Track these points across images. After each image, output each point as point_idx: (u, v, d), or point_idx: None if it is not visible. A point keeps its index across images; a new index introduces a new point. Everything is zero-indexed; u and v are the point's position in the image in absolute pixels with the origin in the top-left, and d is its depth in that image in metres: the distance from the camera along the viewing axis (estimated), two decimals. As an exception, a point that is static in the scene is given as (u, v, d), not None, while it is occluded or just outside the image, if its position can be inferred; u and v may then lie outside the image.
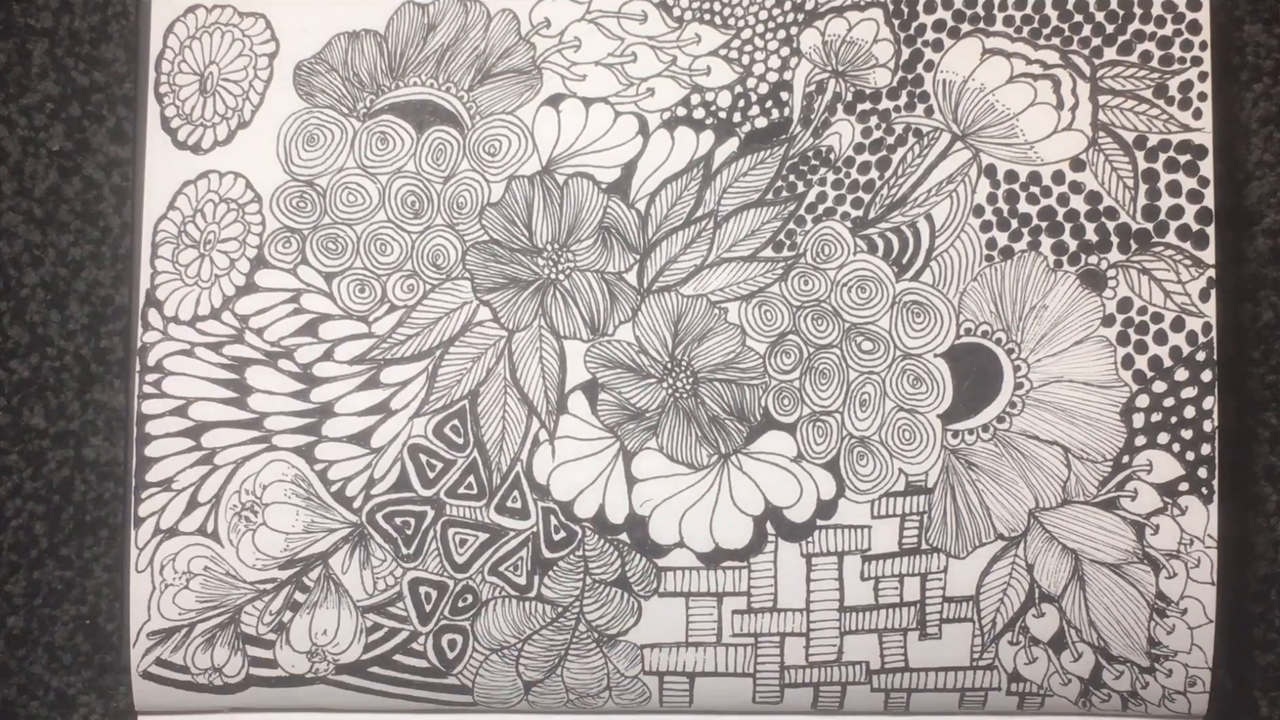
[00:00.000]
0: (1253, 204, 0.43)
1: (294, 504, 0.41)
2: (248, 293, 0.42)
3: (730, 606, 0.42)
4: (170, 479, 0.41)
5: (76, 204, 0.43)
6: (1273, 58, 0.43)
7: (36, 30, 0.43)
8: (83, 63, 0.43)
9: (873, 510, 0.42)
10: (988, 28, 0.42)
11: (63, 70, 0.43)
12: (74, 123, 0.43)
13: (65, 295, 0.43)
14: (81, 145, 0.43)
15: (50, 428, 0.43)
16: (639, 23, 0.42)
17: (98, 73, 0.43)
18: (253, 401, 0.42)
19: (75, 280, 0.43)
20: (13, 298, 0.43)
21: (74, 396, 0.43)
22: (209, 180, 0.42)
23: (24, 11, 0.43)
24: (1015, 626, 0.41)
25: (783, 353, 0.42)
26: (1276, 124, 0.43)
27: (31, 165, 0.43)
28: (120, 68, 0.43)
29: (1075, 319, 0.42)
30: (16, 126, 0.43)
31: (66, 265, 0.43)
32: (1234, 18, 0.43)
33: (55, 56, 0.43)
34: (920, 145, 0.42)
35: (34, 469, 0.43)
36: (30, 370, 0.43)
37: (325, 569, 0.41)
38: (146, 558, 0.41)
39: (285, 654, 0.41)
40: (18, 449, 0.43)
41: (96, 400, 0.43)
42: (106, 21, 0.43)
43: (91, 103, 0.43)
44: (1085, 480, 0.42)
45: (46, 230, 0.43)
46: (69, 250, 0.43)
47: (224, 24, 0.42)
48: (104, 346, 0.43)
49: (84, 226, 0.43)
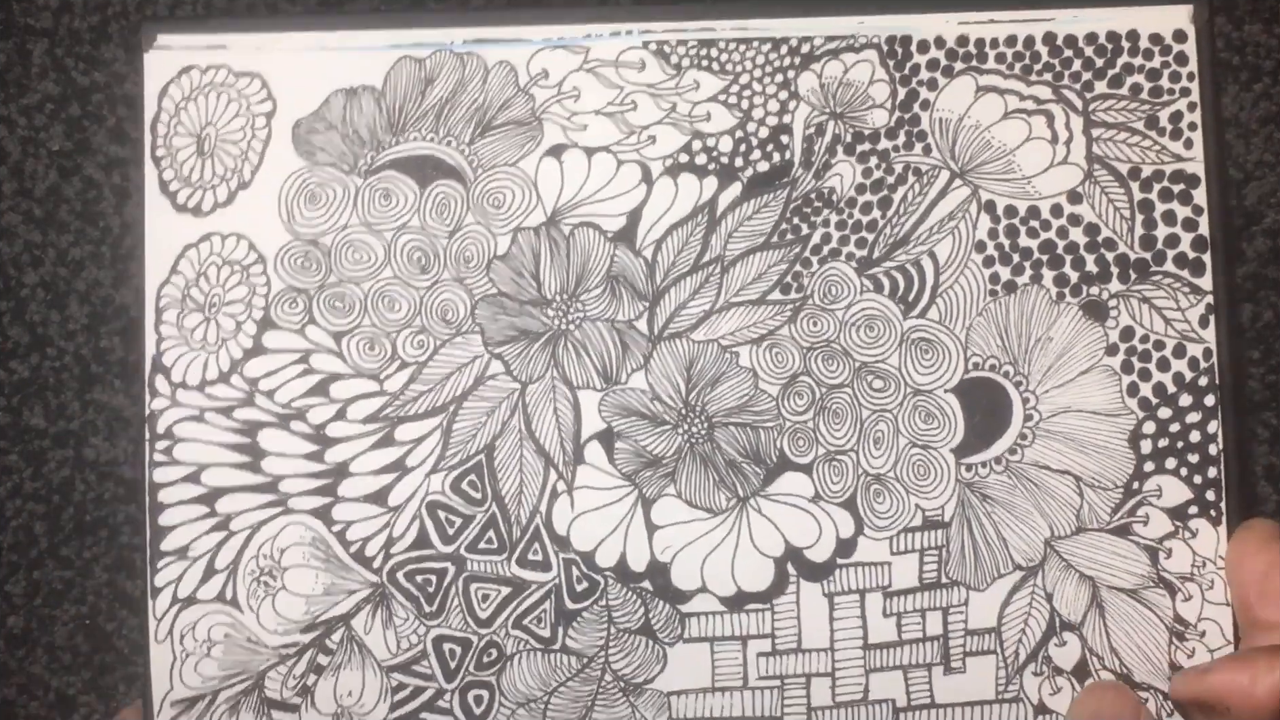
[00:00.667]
0: (1253, 204, 0.44)
1: (313, 566, 0.41)
2: (256, 355, 0.42)
3: (755, 649, 0.42)
4: (186, 547, 0.41)
5: (76, 204, 0.43)
6: (1273, 58, 0.44)
7: (36, 30, 0.43)
8: (83, 63, 0.43)
9: (892, 546, 0.42)
10: (980, 65, 0.43)
11: (63, 70, 0.43)
12: (74, 123, 0.43)
13: (65, 295, 0.42)
14: (81, 145, 0.43)
15: (50, 428, 0.42)
16: (637, 70, 0.43)
17: (98, 73, 0.43)
18: (266, 465, 0.41)
19: (75, 280, 0.42)
20: (13, 298, 0.42)
21: (74, 396, 0.42)
22: (211, 243, 0.42)
23: (24, 11, 0.43)
24: (1038, 656, 0.42)
25: (795, 394, 0.42)
26: (1276, 124, 0.44)
27: (31, 165, 0.43)
28: (120, 68, 0.43)
29: (1080, 349, 0.43)
30: (16, 126, 0.43)
31: (66, 265, 0.42)
32: (1234, 18, 0.44)
33: (55, 56, 0.43)
34: (920, 184, 0.43)
35: (34, 469, 0.42)
36: (30, 370, 0.42)
37: (347, 630, 0.41)
38: (165, 627, 0.41)
39: (311, 717, 0.41)
40: (18, 449, 0.42)
41: (96, 400, 0.42)
42: (106, 21, 0.43)
43: (91, 103, 0.43)
44: (1098, 508, 0.42)
45: (46, 230, 0.43)
46: (69, 250, 0.43)
47: (219, 84, 0.42)
48: (104, 346, 0.42)
49: (84, 226, 0.43)
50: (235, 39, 0.42)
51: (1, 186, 0.42)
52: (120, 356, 0.42)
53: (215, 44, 0.42)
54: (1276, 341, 0.44)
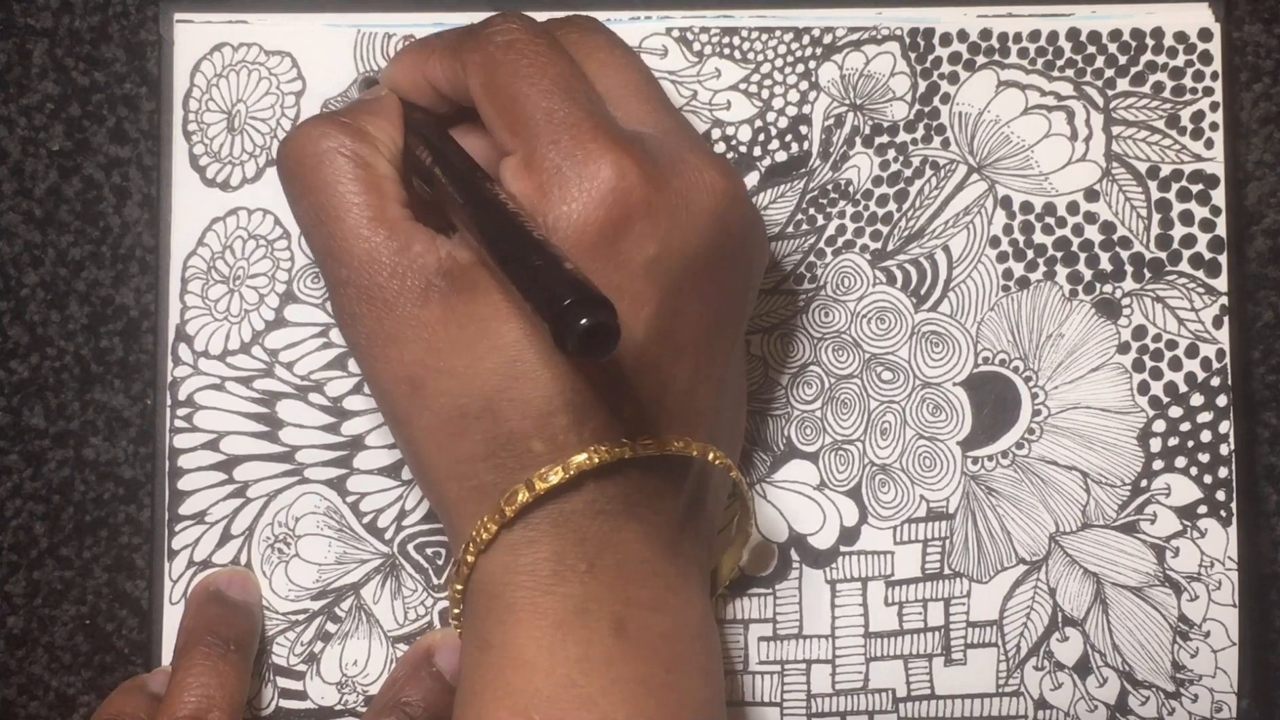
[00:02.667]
0: (1253, 204, 0.44)
1: (326, 535, 0.42)
2: (277, 327, 0.42)
3: (756, 633, 0.42)
4: (204, 512, 0.42)
5: (76, 204, 0.43)
6: (1273, 58, 0.44)
7: (36, 30, 0.44)
8: (83, 63, 0.44)
9: (895, 536, 0.42)
10: (1003, 60, 0.43)
11: (63, 70, 0.43)
12: (74, 123, 0.43)
13: (65, 295, 0.43)
14: (81, 145, 0.43)
15: (50, 428, 0.43)
16: (659, 57, 0.43)
17: (98, 73, 0.44)
18: (284, 435, 0.42)
19: (75, 280, 0.43)
20: (13, 298, 0.43)
21: (74, 396, 0.43)
22: (238, 217, 0.43)
23: (24, 11, 0.43)
24: (1040, 651, 0.42)
25: (804, 383, 0.43)
26: (1276, 124, 0.44)
27: (31, 165, 0.43)
28: (120, 68, 0.44)
29: (1091, 346, 0.43)
30: (16, 126, 0.43)
31: (66, 265, 0.43)
32: (1234, 17, 0.43)
33: (55, 56, 0.44)
34: (937, 177, 0.43)
35: (34, 469, 0.43)
36: (30, 370, 0.43)
37: (357, 599, 0.42)
38: (181, 590, 0.42)
39: (315, 685, 0.42)
40: (18, 449, 0.43)
41: (96, 400, 0.43)
42: (106, 21, 0.44)
43: (91, 103, 0.44)
44: (1104, 504, 0.42)
45: (46, 230, 0.43)
46: (69, 250, 0.43)
47: (250, 62, 0.43)
48: (104, 346, 0.43)
49: (84, 226, 0.43)
50: (258, 18, 0.43)
51: (1, 186, 0.43)
52: (120, 356, 0.43)
53: (238, 20, 0.43)
54: (1277, 341, 0.44)
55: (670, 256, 0.34)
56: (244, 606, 0.41)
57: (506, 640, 0.34)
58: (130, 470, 0.43)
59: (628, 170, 0.33)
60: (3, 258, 0.43)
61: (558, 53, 0.35)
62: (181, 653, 0.39)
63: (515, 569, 0.34)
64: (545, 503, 0.34)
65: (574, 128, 0.34)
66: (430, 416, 0.34)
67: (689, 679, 0.35)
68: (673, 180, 0.34)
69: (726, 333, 0.36)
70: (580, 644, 0.34)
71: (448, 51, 0.37)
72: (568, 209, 0.33)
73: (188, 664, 0.39)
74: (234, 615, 0.41)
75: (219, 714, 0.38)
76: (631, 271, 0.33)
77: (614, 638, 0.34)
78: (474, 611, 0.35)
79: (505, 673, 0.34)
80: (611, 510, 0.34)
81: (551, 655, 0.33)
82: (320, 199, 0.35)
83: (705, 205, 0.34)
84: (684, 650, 0.35)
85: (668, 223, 0.33)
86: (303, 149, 0.36)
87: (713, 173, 0.35)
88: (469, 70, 0.35)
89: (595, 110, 0.34)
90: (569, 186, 0.33)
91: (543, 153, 0.33)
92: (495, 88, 0.35)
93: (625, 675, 0.34)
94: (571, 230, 0.33)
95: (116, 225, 0.43)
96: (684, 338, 0.34)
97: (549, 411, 0.33)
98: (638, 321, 0.33)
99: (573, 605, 0.34)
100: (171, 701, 0.38)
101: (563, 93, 0.34)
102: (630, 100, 0.36)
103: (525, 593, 0.34)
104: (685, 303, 0.34)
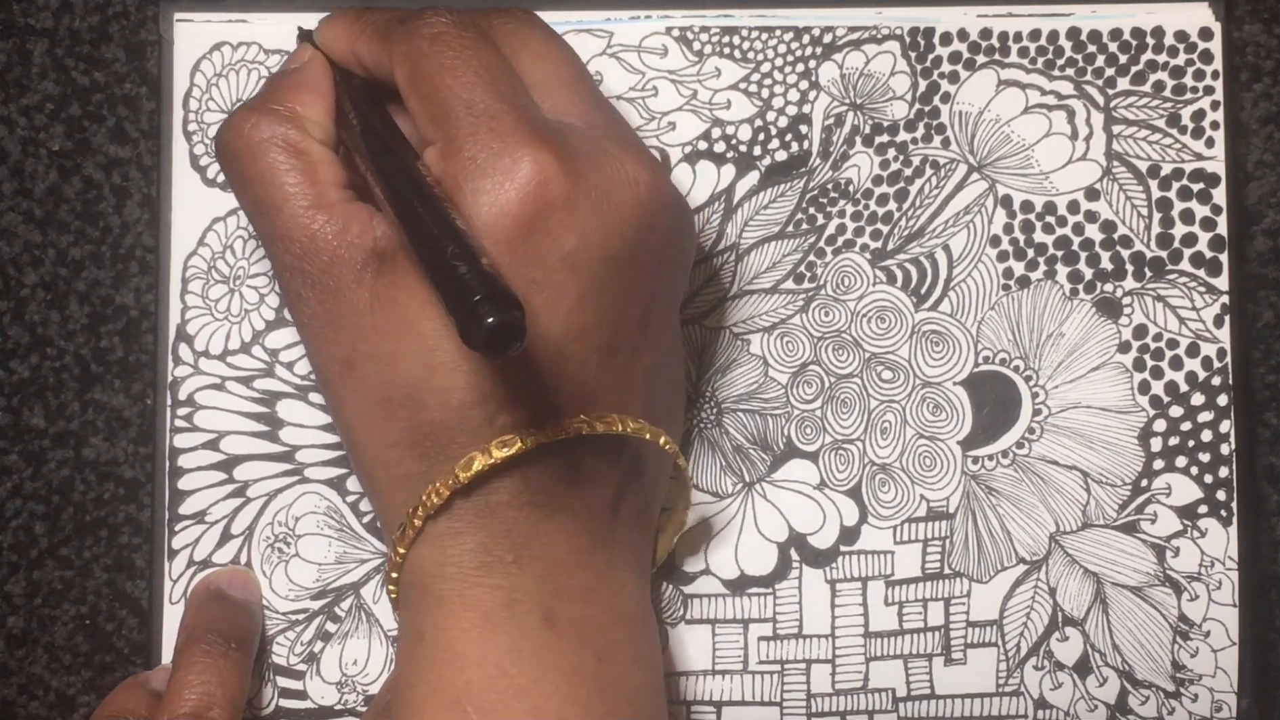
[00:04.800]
0: (1253, 204, 0.44)
1: (326, 535, 0.42)
2: (277, 327, 0.42)
3: (756, 633, 0.42)
4: (204, 512, 0.42)
5: (76, 204, 0.43)
6: (1273, 57, 0.44)
7: (36, 30, 0.44)
8: (83, 63, 0.44)
9: (895, 536, 0.42)
10: (1003, 59, 0.43)
11: (63, 70, 0.43)
12: (74, 123, 0.43)
13: (65, 295, 0.43)
14: (81, 145, 0.43)
15: (50, 428, 0.43)
16: (660, 57, 0.43)
17: (98, 73, 0.44)
18: (284, 435, 0.42)
19: (75, 280, 0.43)
20: (13, 298, 0.43)
21: (74, 396, 0.43)
22: (238, 217, 0.43)
23: (24, 11, 0.43)
24: (1040, 650, 0.42)
25: (804, 383, 0.43)
26: (1276, 124, 0.44)
27: (31, 165, 0.43)
28: (120, 68, 0.44)
29: (1092, 346, 0.43)
30: (16, 126, 0.43)
31: (66, 265, 0.43)
32: (1234, 17, 0.43)
33: (55, 56, 0.44)
34: (937, 176, 0.43)
35: (34, 469, 0.43)
36: (30, 370, 0.43)
37: (357, 599, 0.42)
38: (180, 589, 0.42)
39: (315, 685, 0.42)
40: (18, 449, 0.43)
41: (96, 400, 0.43)
42: (106, 21, 0.44)
43: (91, 103, 0.44)
44: (1105, 504, 0.42)
45: (46, 230, 0.43)
46: (69, 250, 0.43)
47: (250, 61, 0.43)
48: (104, 346, 0.43)
49: (84, 226, 0.43)
50: (258, 17, 0.43)
51: (1, 186, 0.43)
52: (120, 356, 0.43)
53: (238, 19, 0.43)
54: (1277, 341, 0.43)
55: (590, 248, 0.34)
56: (244, 605, 0.41)
57: (438, 632, 0.34)
58: (130, 470, 0.43)
59: (546, 163, 0.33)
60: (3, 258, 0.43)
61: (483, 45, 0.35)
62: (182, 650, 0.39)
63: (443, 561, 0.34)
64: (470, 494, 0.34)
65: (493, 120, 0.33)
66: (359, 399, 0.35)
67: (622, 667, 0.35)
68: (592, 173, 0.34)
69: (655, 319, 0.36)
70: (510, 635, 0.34)
71: (377, 37, 0.37)
72: (484, 200, 0.33)
73: (188, 661, 0.39)
74: (234, 614, 0.41)
75: (219, 711, 0.38)
76: (549, 264, 0.33)
77: (544, 628, 0.34)
78: (407, 603, 0.36)
79: (438, 665, 0.34)
80: (538, 501, 0.34)
81: (483, 647, 0.34)
82: (258, 191, 0.36)
83: (626, 196, 0.34)
84: (617, 638, 0.35)
85: (586, 215, 0.33)
86: (236, 142, 0.36)
87: (634, 165, 0.35)
88: (395, 61, 0.35)
89: (519, 103, 0.34)
90: (485, 179, 0.33)
91: (460, 144, 0.33)
92: (419, 79, 0.35)
93: (556, 665, 0.34)
94: (488, 223, 0.33)
95: (116, 225, 0.43)
96: (609, 327, 0.34)
97: (469, 403, 0.33)
98: (556, 314, 0.33)
99: (501, 597, 0.34)
100: (172, 699, 0.38)
101: (485, 85, 0.34)
102: (559, 92, 0.36)
103: (454, 585, 0.34)
104: (608, 293, 0.34)
